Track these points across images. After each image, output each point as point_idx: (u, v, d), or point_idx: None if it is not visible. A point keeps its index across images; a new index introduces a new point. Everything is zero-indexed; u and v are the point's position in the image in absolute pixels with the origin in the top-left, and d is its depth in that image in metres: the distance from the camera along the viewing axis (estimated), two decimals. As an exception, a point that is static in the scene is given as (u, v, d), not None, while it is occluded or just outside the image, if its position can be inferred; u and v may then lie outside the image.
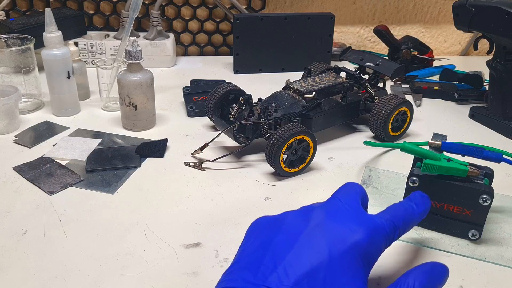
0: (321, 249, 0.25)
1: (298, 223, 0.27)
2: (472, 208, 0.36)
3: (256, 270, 0.24)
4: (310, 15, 0.75)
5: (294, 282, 0.23)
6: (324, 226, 0.26)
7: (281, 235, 0.26)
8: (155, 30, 0.75)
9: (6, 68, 0.59)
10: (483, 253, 0.37)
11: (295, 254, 0.24)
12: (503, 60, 0.57)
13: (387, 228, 0.27)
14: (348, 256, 0.25)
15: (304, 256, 0.24)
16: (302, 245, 0.25)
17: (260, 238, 0.26)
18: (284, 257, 0.24)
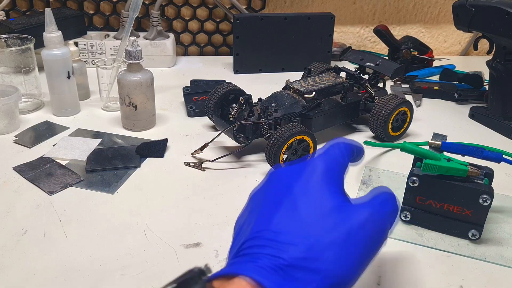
0: (289, 188, 0.26)
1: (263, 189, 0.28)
2: (472, 208, 0.36)
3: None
4: (310, 15, 0.75)
5: (275, 224, 0.24)
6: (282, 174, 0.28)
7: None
8: (155, 30, 0.75)
9: (6, 68, 0.59)
10: (483, 253, 0.37)
11: (270, 207, 0.25)
12: (503, 60, 0.57)
13: (336, 150, 0.29)
14: (313, 177, 0.26)
15: (279, 204, 0.25)
16: (273, 199, 0.26)
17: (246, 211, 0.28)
18: (259, 214, 0.25)
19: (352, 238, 0.24)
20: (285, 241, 0.23)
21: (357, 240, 0.24)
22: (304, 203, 0.25)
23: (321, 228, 0.24)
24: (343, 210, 0.25)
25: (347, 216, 0.25)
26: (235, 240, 0.27)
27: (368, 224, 0.25)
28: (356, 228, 0.24)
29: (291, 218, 0.24)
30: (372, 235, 0.25)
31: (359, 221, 0.25)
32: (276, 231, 0.24)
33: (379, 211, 0.26)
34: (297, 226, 0.24)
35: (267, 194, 0.27)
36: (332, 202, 0.25)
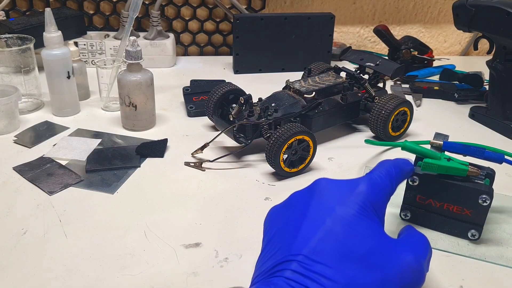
0: (330, 211, 0.25)
1: (302, 200, 0.28)
2: (471, 208, 0.36)
3: (276, 253, 0.25)
4: (310, 15, 0.75)
5: (313, 248, 0.23)
6: (327, 193, 0.27)
7: (289, 217, 0.27)
8: (155, 30, 0.75)
9: (6, 68, 0.59)
10: (483, 253, 0.37)
11: (307, 226, 0.25)
12: (503, 60, 0.57)
13: (384, 178, 0.29)
14: (356, 206, 0.26)
15: (315, 223, 0.25)
16: (311, 216, 0.26)
17: (274, 227, 0.27)
18: (298, 233, 0.25)
19: (386, 285, 0.24)
20: (321, 273, 0.23)
21: (392, 285, 0.24)
22: (345, 233, 0.24)
23: (359, 267, 0.23)
24: (381, 252, 0.24)
25: (386, 260, 0.24)
26: (268, 246, 0.26)
27: (407, 273, 0.24)
28: (392, 275, 0.24)
29: (329, 246, 0.24)
30: (408, 283, 0.24)
31: (397, 269, 0.24)
32: (314, 259, 0.23)
33: (418, 259, 0.25)
34: (334, 259, 0.23)
35: (309, 204, 0.26)
36: (371, 240, 0.25)
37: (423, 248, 0.27)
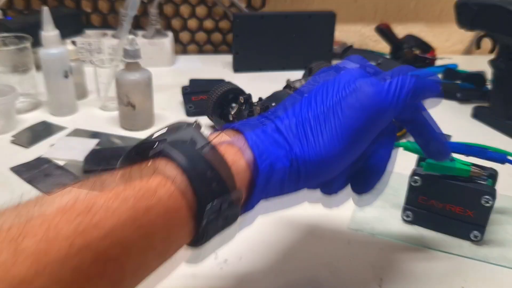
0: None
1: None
2: (474, 209, 0.36)
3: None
4: (311, 13, 0.74)
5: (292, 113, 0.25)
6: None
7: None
8: (154, 29, 0.75)
9: (3, 67, 0.58)
10: (485, 254, 0.36)
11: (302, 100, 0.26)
12: (505, 59, 0.56)
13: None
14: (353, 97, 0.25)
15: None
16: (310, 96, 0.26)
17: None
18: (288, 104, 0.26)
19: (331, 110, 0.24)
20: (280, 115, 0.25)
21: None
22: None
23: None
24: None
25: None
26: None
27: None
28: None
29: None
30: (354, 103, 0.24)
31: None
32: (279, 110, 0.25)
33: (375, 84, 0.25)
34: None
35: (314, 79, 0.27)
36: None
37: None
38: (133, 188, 0.18)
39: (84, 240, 0.16)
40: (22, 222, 0.16)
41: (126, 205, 0.18)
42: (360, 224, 0.39)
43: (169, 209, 0.19)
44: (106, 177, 0.19)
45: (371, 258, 0.36)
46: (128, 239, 0.18)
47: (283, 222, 0.39)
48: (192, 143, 0.21)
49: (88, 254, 0.16)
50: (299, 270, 0.34)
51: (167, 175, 0.19)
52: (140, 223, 0.18)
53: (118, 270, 0.18)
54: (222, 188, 0.21)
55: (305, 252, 0.36)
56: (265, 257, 0.35)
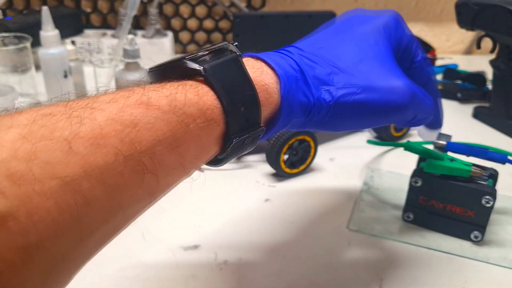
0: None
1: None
2: (474, 209, 0.36)
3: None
4: (311, 13, 0.74)
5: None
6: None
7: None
8: (153, 29, 0.75)
9: (2, 67, 0.58)
10: (486, 254, 0.36)
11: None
12: (506, 59, 0.56)
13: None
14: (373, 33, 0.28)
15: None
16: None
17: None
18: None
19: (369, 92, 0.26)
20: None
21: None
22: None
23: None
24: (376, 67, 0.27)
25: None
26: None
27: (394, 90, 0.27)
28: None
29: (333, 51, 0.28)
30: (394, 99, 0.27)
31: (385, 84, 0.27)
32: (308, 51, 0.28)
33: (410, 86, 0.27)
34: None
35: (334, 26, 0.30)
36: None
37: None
38: (176, 112, 0.20)
39: (128, 151, 0.18)
40: (75, 124, 0.17)
41: (168, 126, 0.19)
42: (360, 225, 0.39)
43: (203, 135, 0.21)
44: (153, 92, 0.20)
45: (371, 258, 0.36)
46: (165, 156, 0.19)
47: (283, 223, 0.39)
48: (231, 74, 0.22)
49: (130, 164, 0.18)
50: (299, 271, 0.34)
51: (207, 104, 0.21)
52: (176, 144, 0.20)
53: (154, 183, 0.19)
54: (250, 125, 0.23)
55: (305, 253, 0.36)
56: (265, 258, 0.35)
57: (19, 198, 0.15)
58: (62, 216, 0.16)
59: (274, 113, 0.25)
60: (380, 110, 0.26)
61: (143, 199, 0.19)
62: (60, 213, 0.16)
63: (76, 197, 0.16)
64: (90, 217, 0.17)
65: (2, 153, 0.15)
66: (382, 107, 0.26)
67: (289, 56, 0.26)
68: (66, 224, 0.16)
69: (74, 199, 0.16)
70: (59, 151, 0.16)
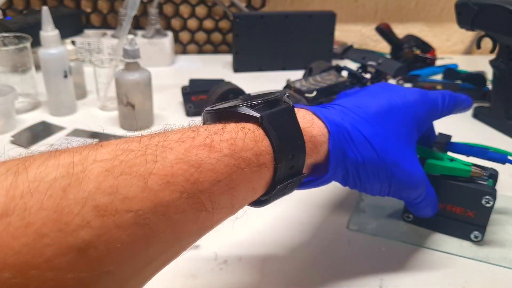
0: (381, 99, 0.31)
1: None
2: (474, 209, 0.35)
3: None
4: (311, 13, 0.74)
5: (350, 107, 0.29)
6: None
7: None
8: (154, 29, 0.75)
9: (2, 67, 0.58)
10: (486, 255, 0.36)
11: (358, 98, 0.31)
12: (506, 59, 0.56)
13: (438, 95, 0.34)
14: (402, 110, 0.30)
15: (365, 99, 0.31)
16: (365, 94, 0.32)
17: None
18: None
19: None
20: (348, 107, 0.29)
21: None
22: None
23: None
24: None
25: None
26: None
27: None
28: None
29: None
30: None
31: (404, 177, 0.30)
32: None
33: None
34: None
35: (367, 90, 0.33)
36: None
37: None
38: (234, 155, 0.22)
39: (191, 189, 0.19)
40: (150, 161, 0.19)
41: (226, 168, 0.21)
42: (360, 225, 0.39)
43: (254, 178, 0.23)
44: (215, 136, 0.22)
45: (371, 258, 0.36)
46: (220, 196, 0.21)
47: (283, 223, 0.39)
48: (285, 123, 0.24)
49: (192, 202, 0.19)
50: (299, 271, 0.34)
51: (261, 150, 0.23)
52: (232, 185, 0.21)
53: (208, 220, 0.21)
54: (294, 172, 0.25)
55: (305, 253, 0.36)
56: (265, 258, 0.35)
57: (101, 228, 0.16)
58: (133, 247, 0.17)
59: (320, 164, 0.27)
60: (397, 185, 0.30)
61: (196, 233, 0.21)
62: (131, 244, 0.17)
63: (146, 230, 0.18)
64: (154, 248, 0.19)
65: (89, 184, 0.17)
66: (401, 183, 0.30)
67: (336, 110, 0.29)
68: (135, 253, 0.18)
69: (144, 232, 0.18)
70: (136, 186, 0.18)
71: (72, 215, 0.16)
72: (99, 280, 0.16)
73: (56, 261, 0.15)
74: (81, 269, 0.16)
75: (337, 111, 0.29)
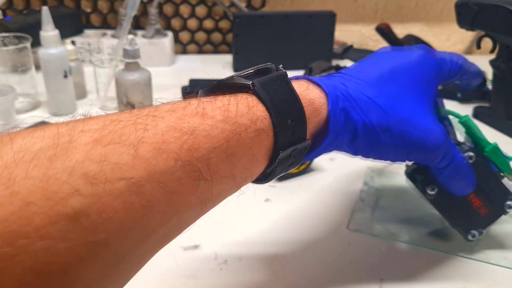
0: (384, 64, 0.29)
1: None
2: (491, 207, 0.34)
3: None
4: (311, 13, 0.74)
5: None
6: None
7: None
8: (153, 29, 0.75)
9: (2, 67, 0.58)
10: (486, 254, 0.36)
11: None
12: (506, 59, 0.56)
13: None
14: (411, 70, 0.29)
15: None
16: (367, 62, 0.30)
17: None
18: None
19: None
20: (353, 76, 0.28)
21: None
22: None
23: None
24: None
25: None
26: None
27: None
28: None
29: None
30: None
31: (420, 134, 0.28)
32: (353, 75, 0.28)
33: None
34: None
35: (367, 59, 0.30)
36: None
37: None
38: (229, 121, 0.21)
39: (186, 157, 0.19)
40: (140, 130, 0.18)
41: (222, 134, 0.20)
42: (359, 225, 0.39)
43: (253, 145, 0.22)
44: (207, 104, 0.21)
45: (371, 258, 0.36)
46: (218, 164, 0.20)
47: (283, 223, 0.39)
48: (278, 88, 0.23)
49: (188, 170, 0.19)
50: (299, 271, 0.34)
51: (257, 115, 0.22)
52: (230, 152, 0.20)
53: (207, 190, 0.20)
54: (297, 138, 0.24)
55: (305, 253, 0.36)
56: (265, 258, 0.35)
57: (91, 196, 0.16)
58: (127, 216, 0.17)
59: (321, 128, 0.25)
60: (414, 145, 0.28)
61: (196, 205, 0.20)
62: (125, 212, 0.17)
63: (140, 198, 0.17)
64: (151, 219, 0.18)
65: (76, 154, 0.16)
66: (417, 143, 0.28)
67: (335, 77, 0.28)
68: (130, 223, 0.17)
69: (139, 200, 0.17)
70: (126, 154, 0.17)
71: (59, 183, 0.15)
72: (94, 251, 0.16)
73: (46, 229, 0.15)
74: (73, 238, 0.15)
75: (337, 78, 0.28)
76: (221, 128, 0.20)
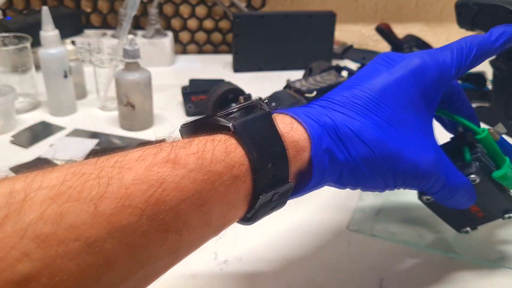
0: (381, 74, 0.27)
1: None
2: (487, 213, 0.33)
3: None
4: (311, 13, 0.74)
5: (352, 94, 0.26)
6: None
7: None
8: (153, 29, 0.75)
9: (2, 67, 0.58)
10: (486, 255, 0.36)
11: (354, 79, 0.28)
12: (506, 59, 0.56)
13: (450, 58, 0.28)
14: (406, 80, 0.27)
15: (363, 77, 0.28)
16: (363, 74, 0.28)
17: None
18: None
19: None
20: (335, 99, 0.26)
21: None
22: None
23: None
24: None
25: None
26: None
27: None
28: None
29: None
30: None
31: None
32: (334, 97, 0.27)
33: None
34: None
35: (363, 70, 0.29)
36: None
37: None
38: (202, 170, 0.20)
39: (153, 211, 0.18)
40: (103, 184, 0.17)
41: (193, 184, 0.19)
42: (360, 225, 0.39)
43: (228, 192, 0.21)
44: (180, 150, 0.20)
45: (371, 258, 0.36)
46: (189, 215, 0.19)
47: (283, 223, 0.39)
48: (261, 130, 0.22)
49: (154, 224, 0.18)
50: (299, 271, 0.34)
51: (234, 161, 0.21)
52: (201, 202, 0.20)
53: (177, 241, 0.19)
54: (278, 181, 0.23)
55: (305, 253, 0.36)
56: (265, 258, 0.35)
57: (42, 260, 0.15)
58: (82, 277, 0.16)
59: (305, 170, 0.24)
60: (401, 176, 0.26)
61: (165, 256, 0.19)
62: (80, 273, 0.16)
63: (98, 258, 0.17)
64: (111, 276, 0.17)
65: (30, 214, 0.16)
66: (405, 174, 0.26)
67: (322, 107, 0.26)
68: (86, 283, 0.16)
69: (96, 260, 0.16)
70: (85, 212, 0.17)
71: (7, 248, 0.15)
72: None
73: None
74: None
75: (323, 108, 0.26)
76: (193, 178, 0.19)
